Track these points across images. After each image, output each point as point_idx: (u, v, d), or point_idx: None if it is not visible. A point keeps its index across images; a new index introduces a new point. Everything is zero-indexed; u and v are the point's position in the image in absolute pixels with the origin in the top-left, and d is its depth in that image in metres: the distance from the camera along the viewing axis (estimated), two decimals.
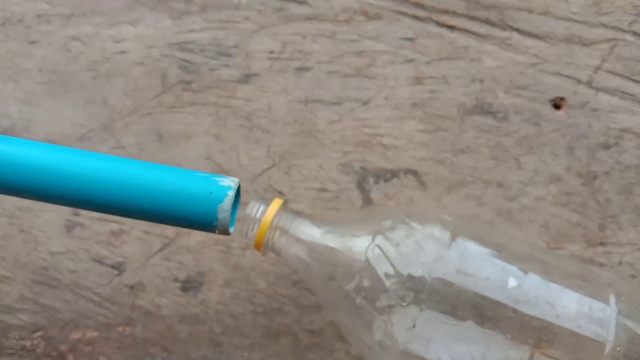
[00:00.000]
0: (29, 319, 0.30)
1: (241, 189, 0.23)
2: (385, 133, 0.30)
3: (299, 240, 0.26)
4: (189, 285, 0.30)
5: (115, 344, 0.29)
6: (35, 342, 0.30)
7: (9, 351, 0.30)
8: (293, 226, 0.26)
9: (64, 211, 0.31)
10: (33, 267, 0.30)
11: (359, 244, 0.25)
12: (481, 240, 0.25)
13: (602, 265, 0.29)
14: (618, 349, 0.22)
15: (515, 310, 0.23)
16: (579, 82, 0.30)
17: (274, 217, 0.26)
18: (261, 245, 0.26)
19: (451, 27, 0.31)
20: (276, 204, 0.26)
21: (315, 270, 0.26)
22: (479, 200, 0.30)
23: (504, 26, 0.31)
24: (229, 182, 0.22)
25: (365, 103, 0.31)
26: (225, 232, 0.22)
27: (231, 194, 0.22)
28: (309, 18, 0.31)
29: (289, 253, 0.26)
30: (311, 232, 0.26)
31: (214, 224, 0.22)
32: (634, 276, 0.29)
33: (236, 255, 0.30)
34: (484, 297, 0.23)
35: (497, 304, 0.23)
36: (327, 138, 0.30)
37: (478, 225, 0.29)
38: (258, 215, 0.26)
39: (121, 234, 0.30)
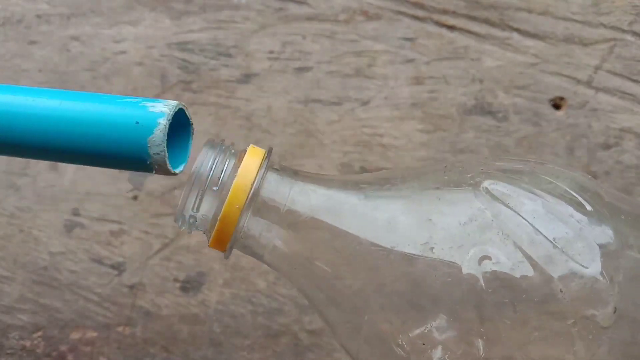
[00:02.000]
0: (29, 319, 0.30)
1: (191, 116, 0.18)
2: (385, 133, 0.30)
3: (311, 226, 0.16)
4: (189, 285, 0.30)
5: (115, 344, 0.29)
6: (35, 342, 0.30)
7: (9, 351, 0.30)
8: (295, 199, 0.15)
9: (64, 211, 0.31)
10: (33, 267, 0.30)
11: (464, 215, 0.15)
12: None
13: None
14: None
15: None
16: (579, 82, 0.30)
17: (253, 182, 0.15)
18: (227, 242, 0.16)
19: (451, 27, 0.31)
20: (254, 154, 0.16)
21: (349, 277, 0.16)
22: None
23: (503, 26, 0.31)
24: (162, 107, 0.16)
25: (365, 103, 0.31)
26: (167, 172, 0.17)
27: (163, 122, 0.16)
28: (309, 18, 0.31)
29: (289, 253, 0.16)
30: (339, 204, 0.16)
31: (148, 162, 0.16)
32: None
33: (236, 255, 0.30)
34: None
35: None
36: (327, 138, 0.30)
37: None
38: (223, 177, 0.15)
39: (121, 234, 0.30)
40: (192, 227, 0.17)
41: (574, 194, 0.16)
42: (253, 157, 0.16)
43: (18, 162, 0.31)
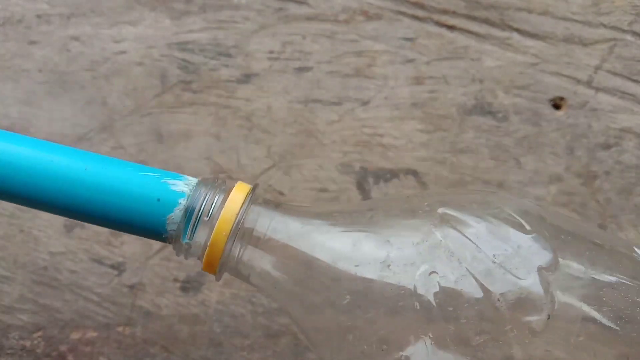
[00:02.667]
0: (29, 319, 0.30)
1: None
2: (385, 133, 0.30)
3: (288, 252, 0.18)
4: (189, 285, 0.30)
5: (115, 344, 0.29)
6: (35, 342, 0.30)
7: (9, 351, 0.30)
8: (275, 228, 0.18)
9: None
10: (33, 267, 0.30)
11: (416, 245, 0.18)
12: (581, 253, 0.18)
13: None
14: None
15: None
16: (579, 82, 0.30)
17: (238, 213, 0.17)
18: (216, 265, 0.18)
19: (451, 27, 0.31)
20: (240, 190, 0.18)
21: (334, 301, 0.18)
22: None
23: (503, 26, 0.31)
24: (183, 187, 0.18)
25: (365, 103, 0.31)
26: (180, 245, 0.18)
27: (184, 202, 0.17)
28: (309, 18, 0.31)
29: (269, 275, 0.18)
30: (312, 231, 0.18)
31: (164, 236, 0.18)
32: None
33: None
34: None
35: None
36: (327, 138, 0.30)
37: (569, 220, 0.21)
38: (212, 211, 0.18)
39: (121, 234, 0.30)
40: (188, 253, 0.19)
41: (516, 217, 0.18)
42: (239, 193, 0.18)
43: None
